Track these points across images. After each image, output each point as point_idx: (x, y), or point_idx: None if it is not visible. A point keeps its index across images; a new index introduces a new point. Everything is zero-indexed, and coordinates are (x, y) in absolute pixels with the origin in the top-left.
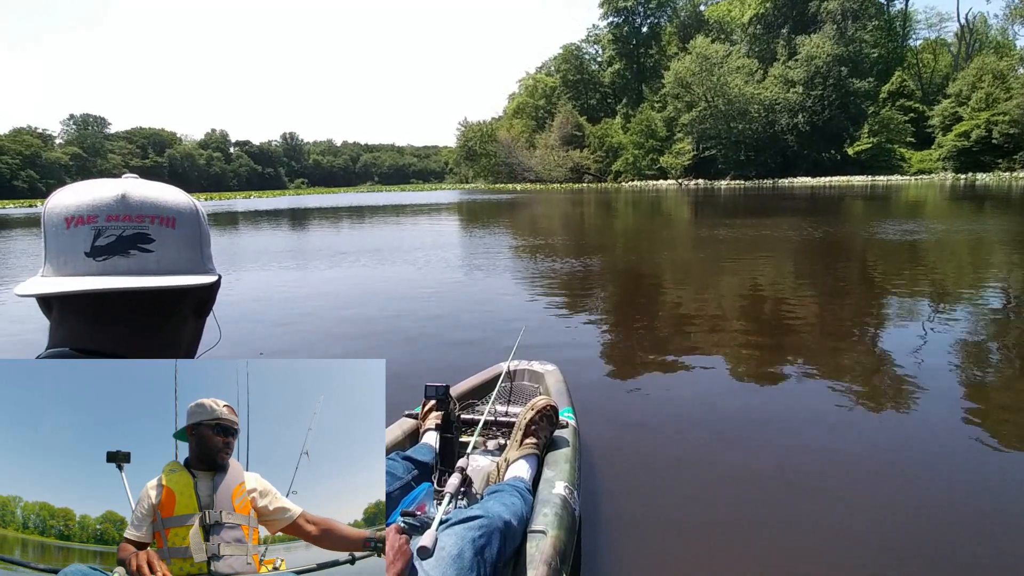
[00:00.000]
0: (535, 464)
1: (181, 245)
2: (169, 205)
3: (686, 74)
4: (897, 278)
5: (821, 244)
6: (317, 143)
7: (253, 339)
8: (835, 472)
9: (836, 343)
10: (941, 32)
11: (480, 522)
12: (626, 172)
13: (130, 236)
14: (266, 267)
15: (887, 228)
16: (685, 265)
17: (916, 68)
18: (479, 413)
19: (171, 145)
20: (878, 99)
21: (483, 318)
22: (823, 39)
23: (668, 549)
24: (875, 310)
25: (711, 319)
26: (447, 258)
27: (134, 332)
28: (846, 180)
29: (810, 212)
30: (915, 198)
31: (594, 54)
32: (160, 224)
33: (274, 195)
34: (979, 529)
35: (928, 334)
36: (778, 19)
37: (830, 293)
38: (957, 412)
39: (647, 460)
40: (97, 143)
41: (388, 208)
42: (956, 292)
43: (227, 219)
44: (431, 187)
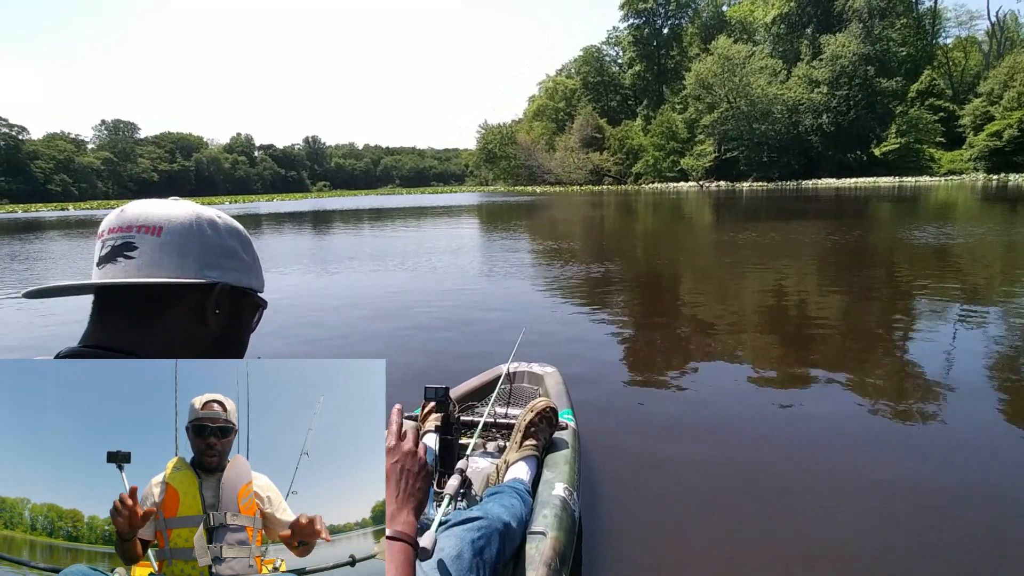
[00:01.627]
0: (535, 466)
1: (165, 251)
2: (159, 215)
3: (708, 75)
4: (927, 285)
5: (841, 249)
6: (339, 146)
7: (254, 337)
8: (837, 477)
9: (841, 347)
10: (971, 30)
11: (480, 523)
12: (646, 174)
13: (120, 245)
14: (276, 269)
15: (917, 232)
16: (693, 269)
17: (946, 67)
18: (479, 415)
19: (198, 149)
20: (906, 98)
21: (484, 318)
22: (849, 38)
23: (668, 551)
24: (899, 320)
25: (714, 323)
26: (454, 260)
27: (126, 329)
28: (872, 181)
29: (834, 215)
30: (945, 200)
31: (614, 56)
32: (145, 233)
33: (296, 198)
34: (1009, 551)
35: (960, 347)
36: (802, 18)
37: (841, 297)
38: (988, 428)
39: (647, 462)
40: (128, 148)
41: (407, 211)
42: (992, 299)
43: (251, 222)
44: (451, 189)
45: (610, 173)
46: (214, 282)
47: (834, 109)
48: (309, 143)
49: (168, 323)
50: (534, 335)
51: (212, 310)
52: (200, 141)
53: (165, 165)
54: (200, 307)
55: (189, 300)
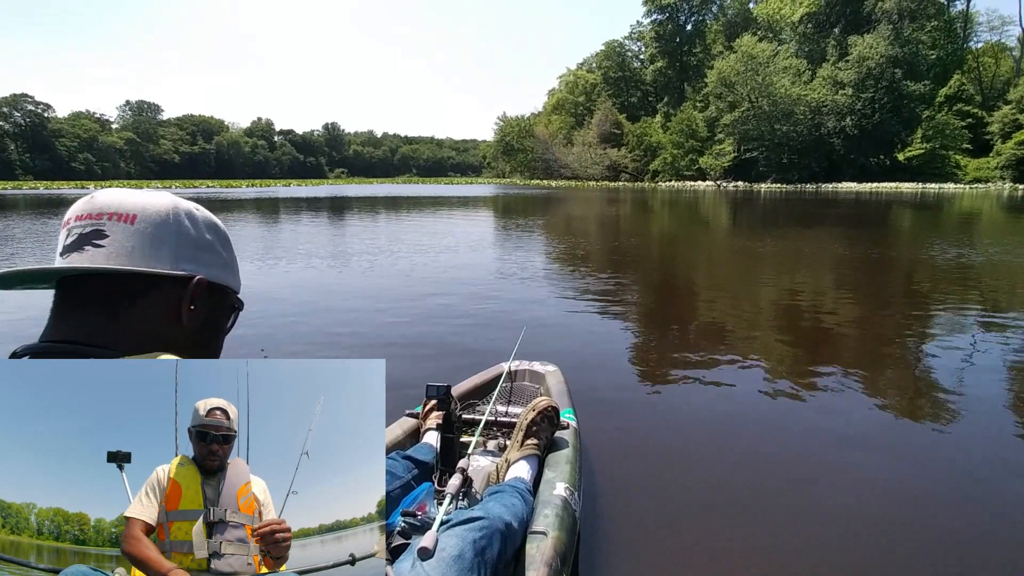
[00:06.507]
0: (536, 465)
1: (138, 240)
2: (133, 203)
3: (730, 73)
4: (948, 297)
5: (859, 257)
6: (358, 133)
7: (255, 337)
8: (842, 480)
9: (851, 354)
10: (1003, 36)
11: (481, 523)
12: (663, 172)
13: (88, 233)
14: (271, 262)
15: (939, 241)
16: (702, 271)
17: (976, 72)
18: (480, 413)
19: (219, 132)
20: (934, 103)
21: (485, 318)
22: (877, 39)
23: (669, 551)
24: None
25: (720, 325)
26: (459, 255)
27: (95, 324)
28: (894, 187)
29: (855, 223)
30: (969, 208)
31: (636, 51)
32: (117, 220)
33: (314, 184)
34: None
35: (978, 360)
36: (830, 18)
37: (853, 307)
38: (1002, 438)
39: (648, 462)
40: (151, 129)
41: (423, 200)
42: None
43: (268, 206)
44: (467, 180)
45: (627, 169)
46: (190, 275)
47: (858, 112)
48: (328, 129)
49: (140, 318)
50: (536, 333)
51: (187, 306)
52: (221, 124)
53: (186, 147)
54: (175, 302)
55: (163, 294)
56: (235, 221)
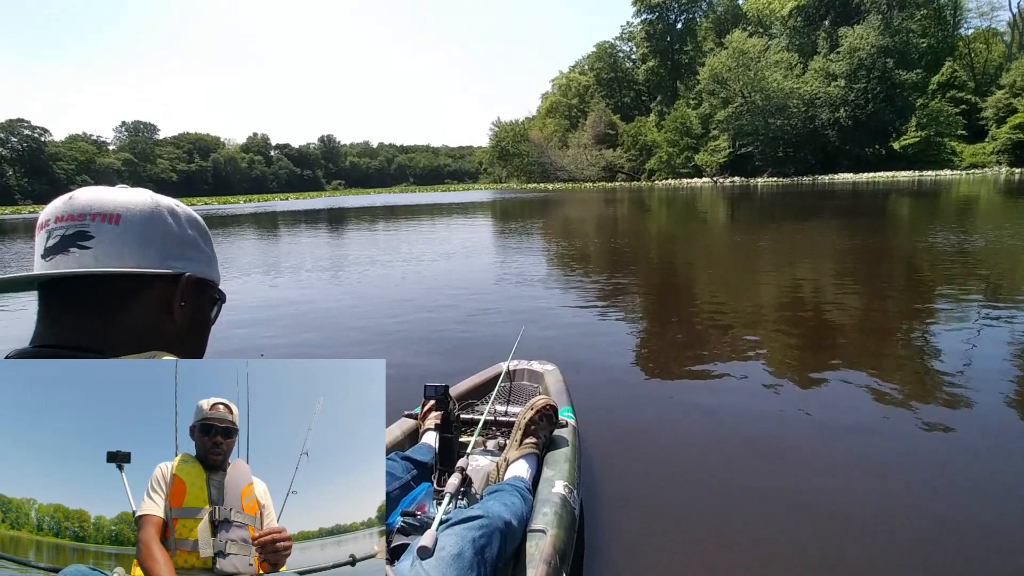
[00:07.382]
0: (535, 464)
1: (126, 241)
2: (116, 203)
3: (722, 69)
4: (950, 283)
5: (856, 247)
6: (354, 145)
7: (256, 339)
8: (842, 479)
9: (853, 351)
10: (993, 21)
11: (480, 522)
12: (660, 170)
13: (72, 235)
14: (272, 272)
15: (938, 228)
16: (701, 268)
17: (968, 58)
18: (479, 413)
19: (215, 149)
20: (927, 91)
21: (484, 318)
22: (867, 30)
23: (668, 548)
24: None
25: (719, 322)
26: (457, 259)
27: (88, 326)
28: (891, 176)
29: (853, 214)
30: (967, 194)
31: (628, 52)
32: (102, 221)
33: (311, 196)
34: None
35: (985, 351)
36: (820, 10)
37: (855, 299)
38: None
39: (647, 460)
40: (147, 148)
41: (420, 208)
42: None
43: (267, 220)
44: (464, 187)
45: (623, 170)
46: (179, 273)
47: (852, 103)
48: (324, 142)
49: (133, 318)
50: (534, 332)
51: (179, 302)
52: (217, 141)
53: (183, 165)
54: (166, 300)
55: (153, 293)
56: (235, 237)
